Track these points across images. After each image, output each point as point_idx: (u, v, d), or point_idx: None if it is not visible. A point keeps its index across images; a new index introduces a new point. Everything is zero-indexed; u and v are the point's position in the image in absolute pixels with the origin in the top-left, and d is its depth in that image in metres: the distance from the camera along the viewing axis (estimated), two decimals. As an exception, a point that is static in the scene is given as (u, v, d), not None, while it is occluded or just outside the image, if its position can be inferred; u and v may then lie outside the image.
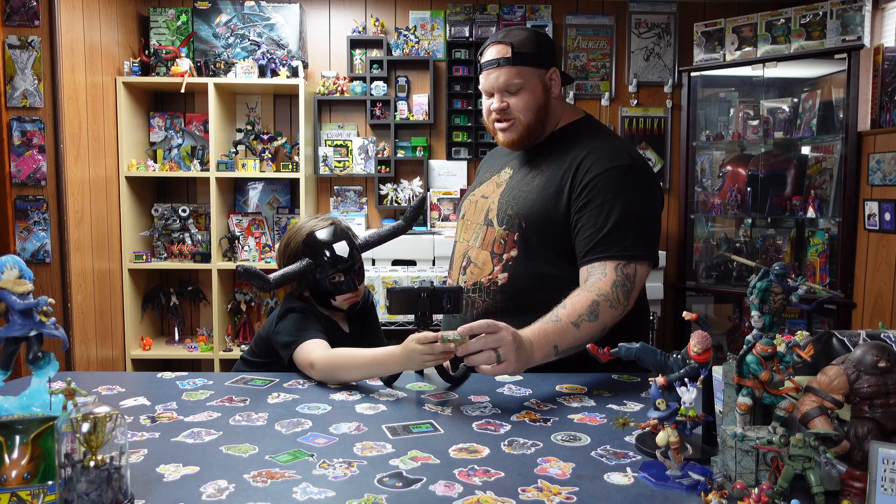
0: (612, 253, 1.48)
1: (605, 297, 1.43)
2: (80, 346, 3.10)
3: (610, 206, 1.49)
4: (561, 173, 1.58)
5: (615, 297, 1.44)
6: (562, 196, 1.55)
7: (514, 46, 1.57)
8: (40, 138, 2.92)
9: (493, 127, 1.66)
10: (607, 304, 1.43)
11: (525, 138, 1.63)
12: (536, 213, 1.55)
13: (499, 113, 1.60)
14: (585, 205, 1.51)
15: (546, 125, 1.65)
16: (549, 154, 1.64)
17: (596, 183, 1.51)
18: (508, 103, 1.59)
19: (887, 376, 0.89)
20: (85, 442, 0.83)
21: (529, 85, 1.59)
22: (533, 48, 1.59)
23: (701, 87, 3.74)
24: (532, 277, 1.55)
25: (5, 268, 0.96)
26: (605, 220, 1.49)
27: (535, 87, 1.59)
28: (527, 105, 1.59)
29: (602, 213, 1.49)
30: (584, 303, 1.42)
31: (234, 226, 3.76)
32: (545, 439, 1.15)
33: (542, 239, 1.54)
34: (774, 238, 3.59)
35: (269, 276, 1.55)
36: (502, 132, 1.63)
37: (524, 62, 1.57)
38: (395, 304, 1.48)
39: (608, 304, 1.43)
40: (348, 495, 0.93)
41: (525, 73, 1.58)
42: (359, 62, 3.83)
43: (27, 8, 2.88)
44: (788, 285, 0.96)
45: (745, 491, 0.88)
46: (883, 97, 3.10)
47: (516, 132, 1.62)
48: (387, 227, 1.77)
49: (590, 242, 1.50)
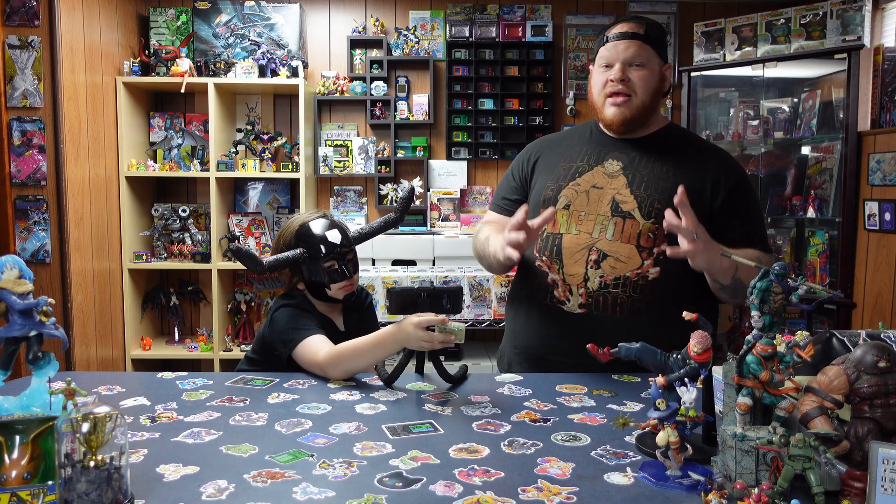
0: (763, 246, 1.61)
1: (766, 260, 1.56)
2: (80, 346, 3.10)
3: (755, 208, 1.65)
4: (702, 170, 1.62)
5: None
6: (704, 191, 1.60)
7: (647, 27, 1.64)
8: (40, 138, 2.92)
9: (603, 101, 1.65)
10: (770, 257, 1.58)
11: (636, 118, 1.64)
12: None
13: (619, 83, 1.61)
14: (737, 203, 1.61)
15: (652, 115, 1.68)
16: (666, 151, 1.65)
17: (743, 185, 1.64)
18: (630, 76, 1.62)
19: (887, 376, 0.89)
20: (85, 442, 0.83)
21: (651, 66, 1.63)
22: (661, 37, 1.66)
23: (701, 87, 3.74)
24: (683, 272, 1.52)
25: (5, 268, 0.96)
26: (754, 221, 1.62)
27: (655, 70, 1.64)
28: (647, 83, 1.62)
29: (750, 214, 1.62)
30: (751, 254, 1.53)
31: (234, 226, 3.76)
32: (545, 439, 1.15)
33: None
34: (774, 238, 3.59)
35: (263, 259, 1.57)
36: (616, 106, 1.63)
37: (653, 44, 1.63)
38: (394, 304, 1.48)
39: (770, 257, 1.58)
40: (348, 495, 0.93)
41: (651, 54, 1.63)
42: (359, 62, 3.83)
43: (27, 8, 2.88)
44: (788, 285, 0.96)
45: (745, 491, 0.88)
46: (883, 97, 3.10)
47: (630, 108, 1.62)
48: (379, 219, 1.77)
49: (746, 237, 1.60)
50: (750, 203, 1.63)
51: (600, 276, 1.56)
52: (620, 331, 1.49)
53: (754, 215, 1.63)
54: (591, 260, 1.57)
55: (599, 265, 1.56)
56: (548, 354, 1.61)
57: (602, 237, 1.57)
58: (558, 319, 1.60)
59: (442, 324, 1.41)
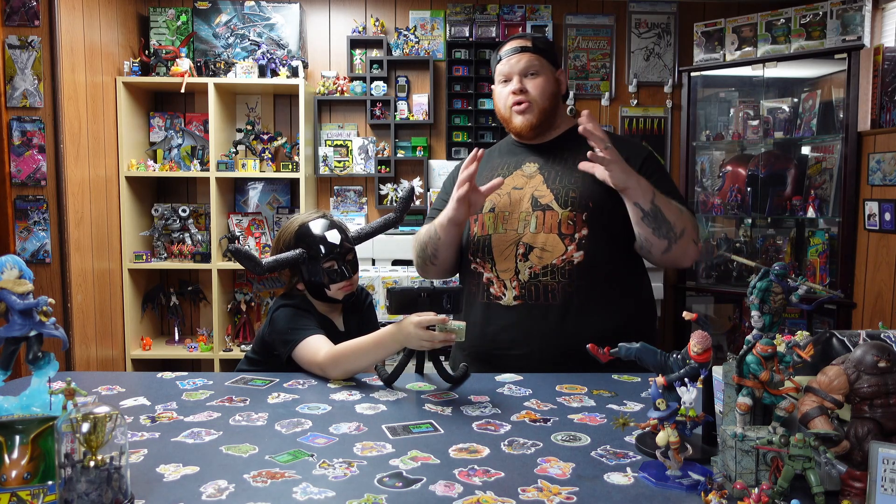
0: (683, 204, 1.70)
1: (688, 213, 1.66)
2: (80, 346, 3.10)
3: (667, 178, 1.75)
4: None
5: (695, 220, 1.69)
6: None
7: (534, 40, 1.79)
8: (40, 138, 2.92)
9: (509, 113, 1.77)
10: (691, 220, 1.65)
11: (541, 123, 1.75)
12: (599, 193, 1.66)
13: (519, 93, 1.74)
14: (648, 175, 1.68)
15: (555, 118, 1.79)
16: (574, 148, 1.75)
17: (650, 162, 1.75)
18: (526, 87, 1.74)
19: (887, 376, 0.89)
20: (85, 442, 0.83)
21: (545, 73, 1.76)
22: (548, 46, 1.82)
23: (701, 87, 3.74)
24: (607, 252, 1.66)
25: (5, 268, 0.96)
26: (669, 185, 1.72)
27: (549, 76, 1.77)
28: (543, 90, 1.74)
29: (664, 181, 1.71)
30: (673, 204, 1.63)
31: (234, 226, 3.76)
32: (545, 439, 1.15)
33: (610, 215, 1.66)
34: (774, 238, 3.59)
35: (262, 260, 1.57)
36: (520, 114, 1.75)
37: (542, 54, 1.77)
38: (394, 303, 1.48)
39: (691, 220, 1.65)
40: (348, 495, 0.93)
41: (542, 62, 1.76)
42: (359, 62, 3.83)
43: (27, 8, 2.88)
44: (788, 285, 0.96)
45: (745, 491, 0.88)
46: (883, 97, 3.11)
47: (533, 115, 1.74)
48: (379, 219, 1.78)
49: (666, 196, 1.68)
50: (662, 173, 1.75)
51: (529, 267, 1.65)
52: (556, 316, 1.62)
53: (669, 182, 1.74)
54: (519, 254, 1.67)
55: (527, 257, 1.66)
56: (493, 350, 1.68)
57: (526, 231, 1.68)
58: (497, 314, 1.68)
59: (442, 323, 1.42)
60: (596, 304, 1.63)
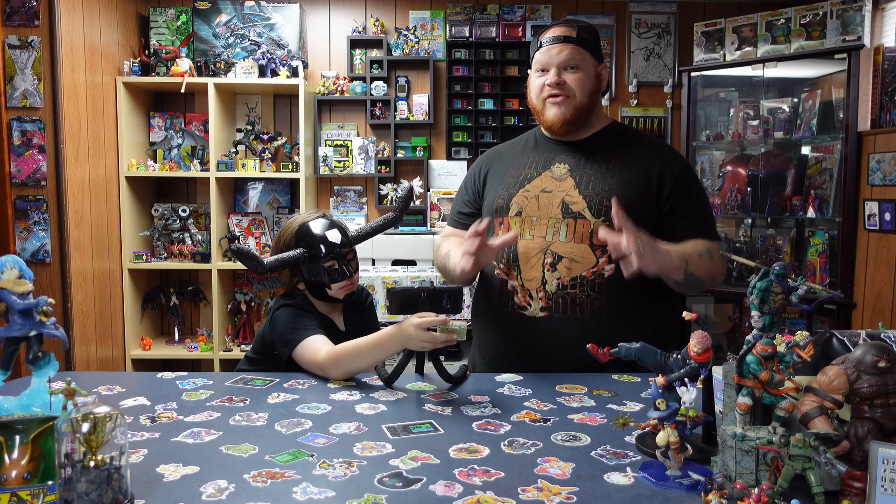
0: (710, 234, 1.65)
1: (715, 248, 1.60)
2: (80, 346, 3.10)
3: (699, 200, 1.68)
4: (647, 165, 1.65)
5: (719, 256, 1.61)
6: (651, 185, 1.63)
7: (579, 30, 1.66)
8: (40, 138, 2.92)
9: (542, 104, 1.67)
10: (717, 253, 1.58)
11: (575, 119, 1.65)
12: (634, 203, 1.56)
13: (555, 87, 1.63)
14: (682, 192, 1.63)
15: (592, 116, 1.70)
16: (609, 148, 1.68)
17: (687, 175, 1.67)
18: (566, 79, 1.63)
19: (887, 376, 0.89)
20: (85, 442, 0.83)
21: (586, 67, 1.65)
22: (594, 38, 1.69)
23: (701, 87, 3.74)
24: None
25: (5, 268, 0.96)
26: (699, 210, 1.66)
27: (590, 71, 1.66)
28: (583, 85, 1.64)
29: (696, 206, 1.66)
30: (699, 245, 1.57)
31: (234, 226, 3.76)
32: (545, 439, 1.15)
33: (644, 228, 1.53)
34: (774, 238, 3.59)
35: (263, 260, 1.57)
36: (556, 106, 1.64)
37: (586, 46, 1.66)
38: (394, 303, 1.48)
39: (717, 253, 1.59)
40: (348, 495, 0.93)
41: (585, 56, 1.65)
42: (359, 62, 3.83)
43: (27, 8, 2.88)
44: (788, 285, 0.96)
45: (745, 491, 0.88)
46: (883, 97, 3.10)
47: (569, 108, 1.64)
48: (378, 218, 1.78)
49: (693, 225, 1.63)
50: (695, 192, 1.67)
51: (557, 277, 1.58)
52: (583, 330, 1.54)
53: (700, 204, 1.67)
54: (547, 263, 1.59)
55: (556, 267, 1.58)
56: (515, 363, 1.62)
57: (556, 239, 1.59)
58: (521, 325, 1.61)
59: (443, 324, 1.42)
60: (626, 319, 1.56)
